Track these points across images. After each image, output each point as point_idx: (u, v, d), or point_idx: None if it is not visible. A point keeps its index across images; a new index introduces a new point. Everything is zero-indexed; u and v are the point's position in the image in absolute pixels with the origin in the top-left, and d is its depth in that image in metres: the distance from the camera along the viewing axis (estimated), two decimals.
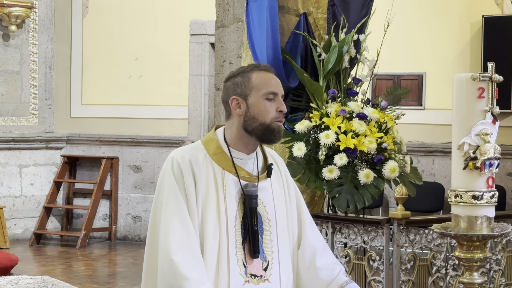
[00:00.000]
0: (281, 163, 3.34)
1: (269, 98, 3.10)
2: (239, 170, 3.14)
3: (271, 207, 3.19)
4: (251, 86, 3.11)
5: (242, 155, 3.16)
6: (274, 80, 3.14)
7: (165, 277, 2.98)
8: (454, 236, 2.84)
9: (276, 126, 3.10)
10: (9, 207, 11.32)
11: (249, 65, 3.22)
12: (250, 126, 3.10)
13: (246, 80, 3.12)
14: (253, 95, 3.10)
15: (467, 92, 2.79)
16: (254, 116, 3.09)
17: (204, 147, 3.17)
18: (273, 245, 3.17)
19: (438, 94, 9.79)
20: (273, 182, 3.24)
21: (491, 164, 2.78)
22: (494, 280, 5.40)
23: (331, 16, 5.82)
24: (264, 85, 3.11)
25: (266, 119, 3.09)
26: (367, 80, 5.72)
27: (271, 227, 3.17)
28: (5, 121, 11.42)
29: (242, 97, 3.11)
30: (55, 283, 6.19)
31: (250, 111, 3.10)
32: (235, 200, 3.13)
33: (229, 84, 3.16)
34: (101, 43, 11.65)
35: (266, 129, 3.09)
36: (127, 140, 11.57)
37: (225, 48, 6.08)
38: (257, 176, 3.17)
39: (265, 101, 3.09)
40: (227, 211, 3.10)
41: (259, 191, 3.15)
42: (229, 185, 3.12)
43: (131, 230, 11.54)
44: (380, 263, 5.06)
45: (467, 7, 9.72)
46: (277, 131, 3.11)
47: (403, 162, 5.39)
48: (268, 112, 3.09)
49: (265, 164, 3.23)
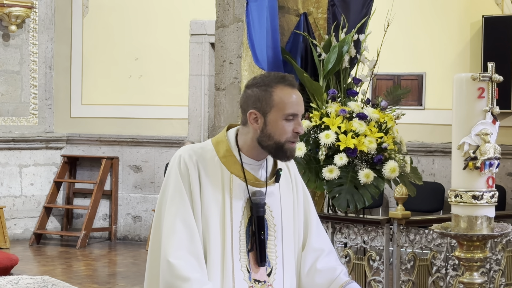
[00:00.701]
0: (292, 165, 3.28)
1: (289, 119, 3.02)
2: (247, 175, 3.09)
3: (277, 212, 3.15)
4: (272, 104, 3.02)
5: (252, 161, 3.10)
6: (296, 99, 3.04)
7: (165, 277, 2.96)
8: (454, 236, 2.84)
9: (289, 147, 3.04)
10: (9, 207, 11.33)
11: (274, 75, 3.09)
12: (264, 142, 3.04)
13: (268, 96, 3.02)
14: (272, 113, 3.02)
15: (467, 92, 2.79)
16: (270, 134, 3.02)
17: (214, 148, 3.11)
18: (277, 250, 3.14)
19: (438, 94, 9.79)
20: (281, 187, 3.19)
21: (491, 164, 2.78)
22: (494, 280, 5.40)
23: (331, 16, 5.82)
24: (285, 106, 3.01)
25: (281, 139, 3.02)
26: (367, 80, 5.72)
27: (276, 232, 3.14)
28: (5, 121, 11.42)
29: (261, 112, 3.02)
30: (55, 283, 6.19)
31: (267, 129, 3.02)
32: (241, 206, 3.08)
33: (250, 93, 3.06)
34: (101, 43, 11.65)
35: (279, 148, 3.03)
36: (127, 140, 11.57)
37: (225, 48, 6.08)
38: (266, 182, 3.13)
39: (283, 122, 3.02)
40: (232, 216, 3.06)
41: (267, 196, 3.11)
42: (236, 190, 3.08)
43: (131, 230, 11.54)
44: (380, 263, 5.06)
45: (467, 7, 9.72)
46: (290, 151, 3.05)
47: (403, 162, 5.39)
48: (285, 133, 3.02)
49: (274, 168, 3.18)
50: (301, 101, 3.06)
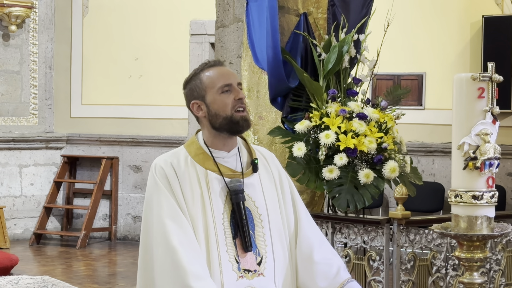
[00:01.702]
0: (271, 159, 3.34)
1: (224, 90, 3.14)
2: (221, 168, 3.17)
3: (261, 202, 3.20)
4: (204, 86, 3.17)
5: (223, 153, 3.19)
6: (224, 72, 3.18)
7: (170, 274, 2.99)
8: (454, 236, 2.84)
9: (239, 115, 3.13)
10: (9, 207, 11.32)
11: (200, 65, 3.25)
12: (216, 124, 3.14)
13: (199, 82, 3.18)
14: (208, 94, 3.16)
15: (467, 92, 2.79)
16: (215, 113, 3.14)
17: (186, 150, 3.22)
18: (266, 239, 3.18)
19: (438, 94, 9.79)
20: (262, 178, 3.25)
21: (491, 164, 2.78)
22: (494, 280, 5.40)
23: (331, 16, 5.82)
24: (215, 81, 3.15)
25: (227, 112, 3.12)
26: (367, 80, 5.72)
27: (262, 222, 3.18)
28: (5, 121, 11.42)
29: (200, 99, 3.17)
30: (55, 283, 6.19)
31: (211, 110, 3.14)
32: (221, 198, 3.14)
33: (187, 90, 3.25)
34: (101, 43, 11.65)
35: (230, 121, 3.13)
36: (127, 140, 11.57)
37: (225, 48, 6.08)
38: (242, 172, 3.19)
39: (221, 95, 3.14)
40: (213, 209, 3.12)
41: (246, 187, 3.16)
42: (213, 184, 3.15)
43: (131, 230, 11.54)
44: (380, 263, 5.06)
45: (467, 7, 9.72)
46: (242, 120, 3.14)
47: (403, 162, 5.39)
48: (226, 104, 3.13)
49: (249, 159, 3.25)
50: (229, 72, 3.21)
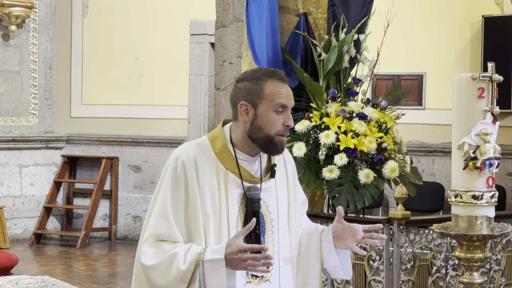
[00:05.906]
0: (288, 159, 3.31)
1: (279, 111, 3.06)
2: (242, 171, 3.12)
3: (273, 207, 3.18)
4: (262, 96, 3.06)
5: (247, 157, 3.13)
6: (287, 92, 3.09)
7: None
8: (454, 236, 2.84)
9: (279, 140, 3.07)
10: (9, 207, 11.32)
11: (265, 70, 3.14)
12: (254, 135, 3.07)
13: (259, 88, 3.06)
14: (263, 104, 3.06)
15: (467, 92, 2.79)
16: (260, 126, 3.06)
17: (210, 143, 3.14)
18: (275, 245, 3.16)
19: (438, 94, 9.79)
20: (277, 181, 3.21)
21: (491, 164, 2.78)
22: (494, 280, 5.40)
23: (331, 16, 5.82)
24: (276, 96, 3.05)
25: (271, 132, 3.06)
26: (367, 80, 5.72)
27: (273, 227, 3.17)
28: (5, 121, 11.42)
29: (251, 104, 3.06)
30: (55, 283, 6.19)
31: (257, 121, 3.06)
32: (237, 202, 3.11)
33: (241, 86, 3.11)
34: (101, 43, 11.65)
35: (269, 141, 3.07)
36: (127, 140, 11.56)
37: (225, 48, 6.08)
38: (260, 178, 3.15)
39: (273, 113, 3.05)
40: (229, 213, 3.09)
41: (262, 191, 3.13)
42: (231, 186, 3.10)
43: (131, 230, 11.54)
44: (380, 263, 5.06)
45: (467, 7, 9.72)
46: (280, 144, 3.08)
47: (403, 162, 5.39)
48: (275, 125, 3.06)
49: (269, 164, 3.20)
50: (291, 95, 3.11)
